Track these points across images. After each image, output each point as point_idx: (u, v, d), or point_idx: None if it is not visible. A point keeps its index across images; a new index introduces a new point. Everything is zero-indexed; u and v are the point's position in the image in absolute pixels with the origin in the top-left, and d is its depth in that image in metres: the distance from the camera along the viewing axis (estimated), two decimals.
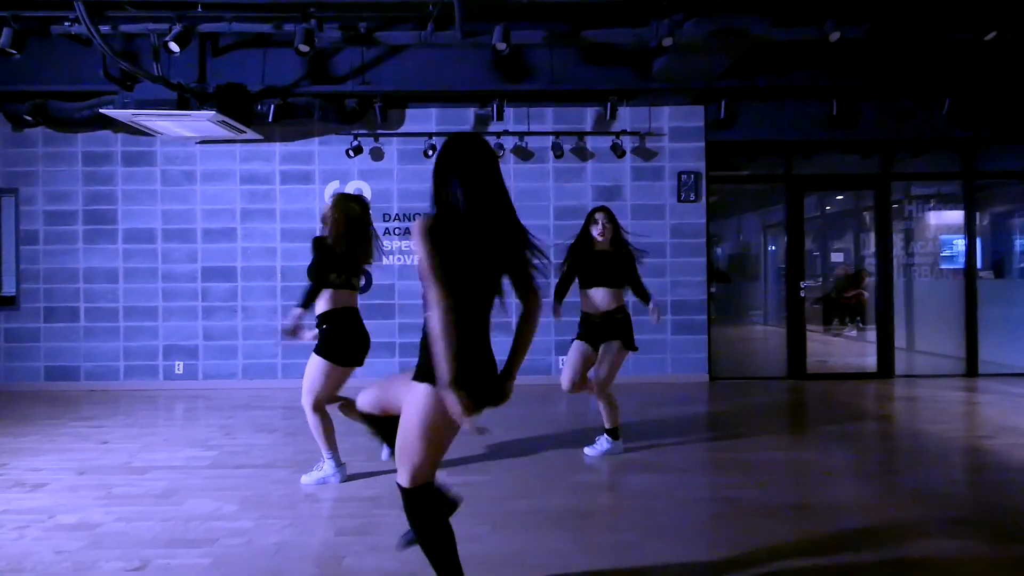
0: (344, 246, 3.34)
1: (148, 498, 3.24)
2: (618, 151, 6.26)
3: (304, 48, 4.22)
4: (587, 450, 3.89)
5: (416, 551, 2.02)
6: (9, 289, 6.49)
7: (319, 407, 3.38)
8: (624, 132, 6.33)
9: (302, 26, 4.20)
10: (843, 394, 5.88)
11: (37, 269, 6.40)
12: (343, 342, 3.35)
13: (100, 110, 5.19)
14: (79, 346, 6.41)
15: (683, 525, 2.88)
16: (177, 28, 4.05)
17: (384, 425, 2.35)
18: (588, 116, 6.47)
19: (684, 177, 6.53)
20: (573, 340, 3.91)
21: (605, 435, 3.91)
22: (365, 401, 2.27)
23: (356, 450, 4.01)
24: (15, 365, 6.38)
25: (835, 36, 4.11)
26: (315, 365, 3.33)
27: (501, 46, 4.19)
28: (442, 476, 3.28)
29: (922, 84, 5.70)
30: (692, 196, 6.54)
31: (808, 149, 6.74)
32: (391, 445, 2.29)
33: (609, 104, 5.75)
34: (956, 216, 7.33)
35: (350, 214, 3.40)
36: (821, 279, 10.31)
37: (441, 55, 5.59)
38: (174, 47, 4.12)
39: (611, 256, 3.78)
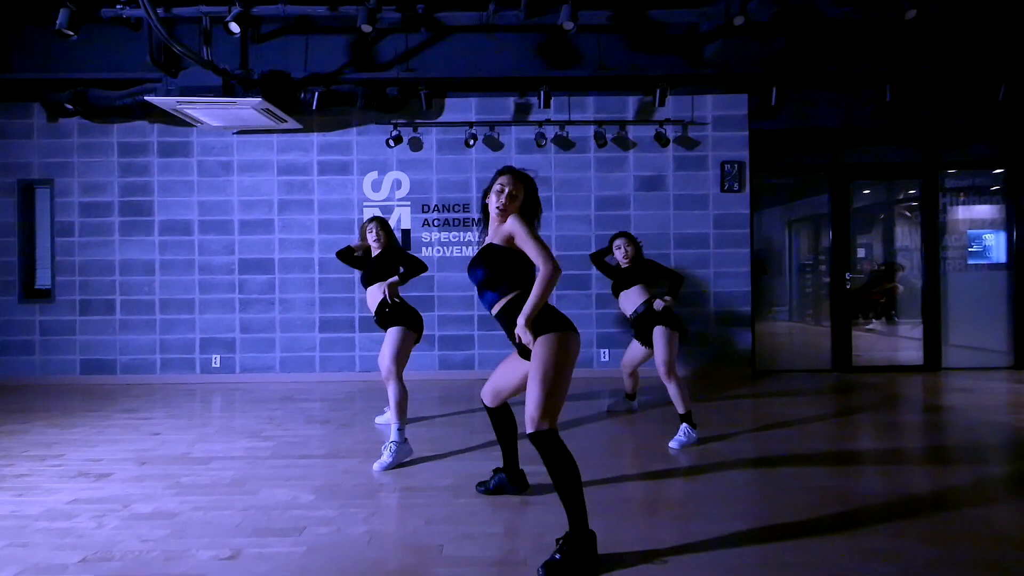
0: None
1: (219, 487, 3.15)
2: (662, 140, 6.15)
3: (367, 28, 4.12)
4: (671, 444, 3.79)
5: (509, 538, 1.92)
6: (44, 282, 6.41)
7: (401, 376, 3.65)
8: (667, 121, 6.23)
9: (363, 7, 4.10)
10: (901, 386, 5.78)
11: (72, 261, 6.32)
12: (415, 313, 3.91)
13: (145, 97, 5.10)
14: (115, 339, 6.32)
15: (782, 514, 2.77)
16: (236, 9, 3.96)
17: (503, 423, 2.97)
18: (630, 105, 6.37)
19: (727, 167, 6.42)
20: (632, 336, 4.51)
21: (684, 424, 3.82)
22: (486, 395, 2.86)
23: (416, 440, 3.92)
24: (51, 358, 6.30)
25: (912, 14, 4.00)
26: (397, 335, 3.71)
27: (569, 25, 4.08)
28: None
29: (980, 69, 5.57)
30: (735, 186, 6.43)
31: (855, 138, 6.62)
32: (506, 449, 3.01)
33: (658, 91, 5.64)
34: (990, 209, 7.24)
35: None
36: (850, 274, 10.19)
37: (486, 41, 5.49)
38: (234, 27, 4.02)
39: (633, 268, 4.36)
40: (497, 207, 2.47)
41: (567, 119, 6.27)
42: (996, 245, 7.44)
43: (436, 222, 6.41)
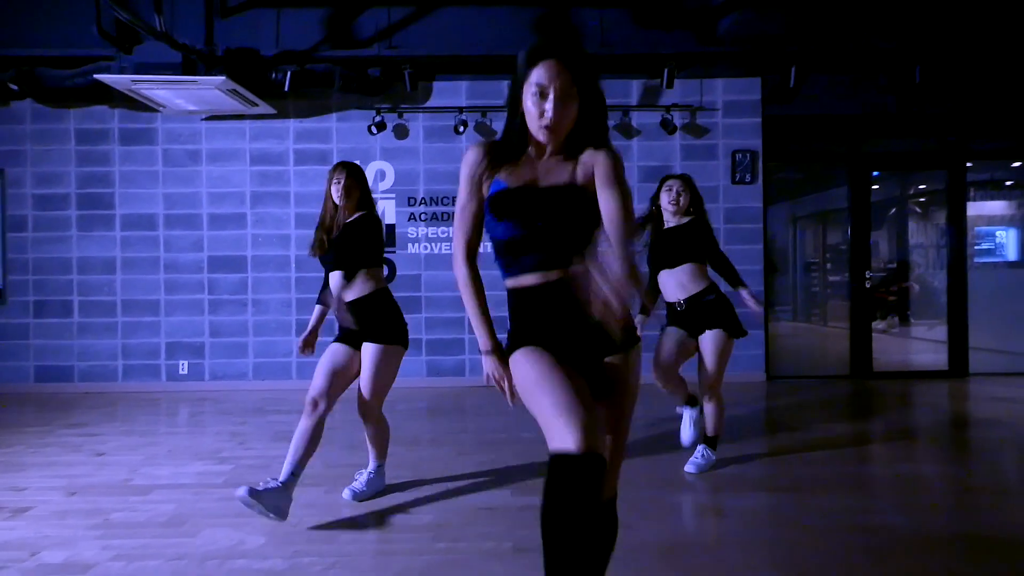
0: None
1: (153, 527, 2.63)
2: (669, 127, 5.66)
3: None
4: (687, 467, 3.28)
5: None
6: None
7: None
8: (674, 106, 5.73)
9: None
10: (931, 395, 5.30)
11: (26, 259, 5.78)
12: (400, 319, 2.89)
13: (95, 76, 4.58)
14: (72, 344, 5.78)
15: (831, 562, 2.27)
16: None
17: None
18: (634, 89, 5.87)
19: (739, 156, 5.92)
20: (663, 328, 3.32)
21: (703, 446, 3.31)
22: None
23: (397, 464, 3.42)
24: (2, 365, 5.76)
25: None
26: (385, 357, 2.77)
27: None
28: (503, 497, 2.71)
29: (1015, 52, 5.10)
30: (748, 177, 5.94)
31: (877, 125, 6.12)
32: None
33: (667, 71, 5.14)
34: (1004, 205, 6.82)
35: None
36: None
37: (477, 15, 5.00)
38: None
39: (685, 228, 3.25)
40: (546, 125, 1.45)
41: None
42: (1009, 242, 7.03)
43: (423, 216, 5.90)
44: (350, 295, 2.80)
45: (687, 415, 3.53)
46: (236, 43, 4.91)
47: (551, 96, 1.43)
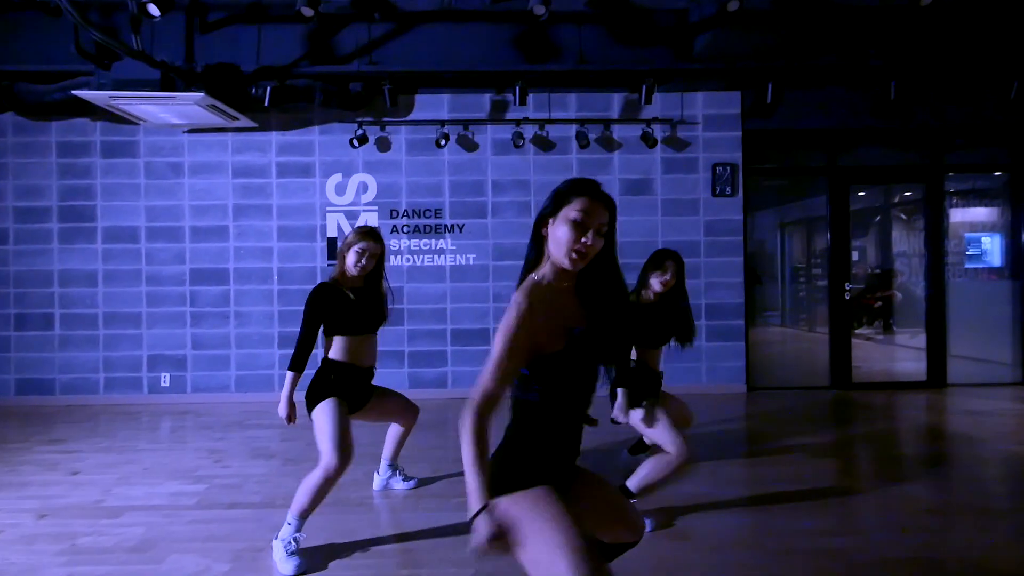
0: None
1: (119, 552, 2.65)
2: (649, 141, 5.69)
3: (307, 12, 3.63)
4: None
5: None
6: None
7: None
8: (655, 120, 5.77)
9: None
10: (906, 407, 5.35)
11: (7, 271, 5.77)
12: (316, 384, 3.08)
13: (73, 92, 4.58)
14: (54, 357, 5.78)
15: None
16: None
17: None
18: (615, 102, 5.90)
19: (719, 169, 5.97)
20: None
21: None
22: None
23: (372, 483, 3.45)
24: None
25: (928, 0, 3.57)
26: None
27: (540, 10, 3.61)
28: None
29: (991, 66, 5.16)
30: (728, 190, 5.98)
31: (855, 139, 6.18)
32: None
33: (644, 87, 5.18)
34: (989, 212, 6.86)
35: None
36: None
37: (457, 31, 5.01)
38: (154, 10, 3.52)
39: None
40: (580, 250, 1.49)
41: (547, 117, 5.80)
42: (994, 248, 7.08)
43: (406, 228, 5.91)
44: None
45: None
46: (216, 59, 4.92)
47: (593, 228, 1.49)
